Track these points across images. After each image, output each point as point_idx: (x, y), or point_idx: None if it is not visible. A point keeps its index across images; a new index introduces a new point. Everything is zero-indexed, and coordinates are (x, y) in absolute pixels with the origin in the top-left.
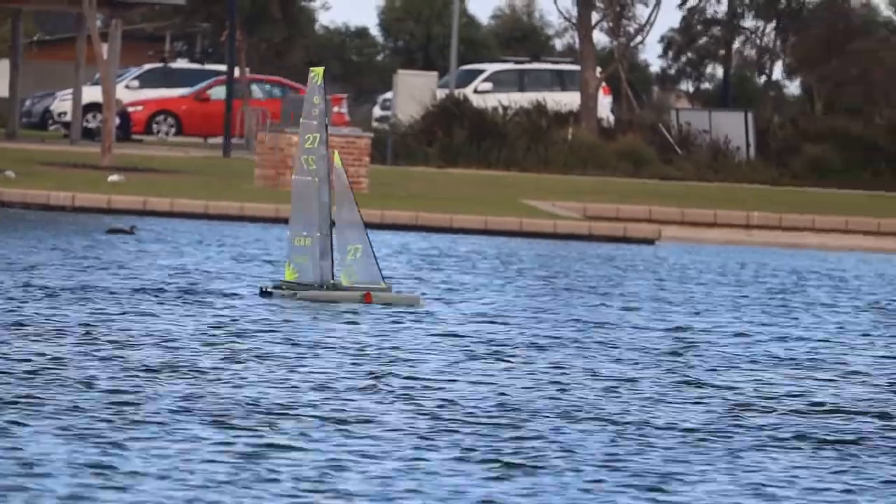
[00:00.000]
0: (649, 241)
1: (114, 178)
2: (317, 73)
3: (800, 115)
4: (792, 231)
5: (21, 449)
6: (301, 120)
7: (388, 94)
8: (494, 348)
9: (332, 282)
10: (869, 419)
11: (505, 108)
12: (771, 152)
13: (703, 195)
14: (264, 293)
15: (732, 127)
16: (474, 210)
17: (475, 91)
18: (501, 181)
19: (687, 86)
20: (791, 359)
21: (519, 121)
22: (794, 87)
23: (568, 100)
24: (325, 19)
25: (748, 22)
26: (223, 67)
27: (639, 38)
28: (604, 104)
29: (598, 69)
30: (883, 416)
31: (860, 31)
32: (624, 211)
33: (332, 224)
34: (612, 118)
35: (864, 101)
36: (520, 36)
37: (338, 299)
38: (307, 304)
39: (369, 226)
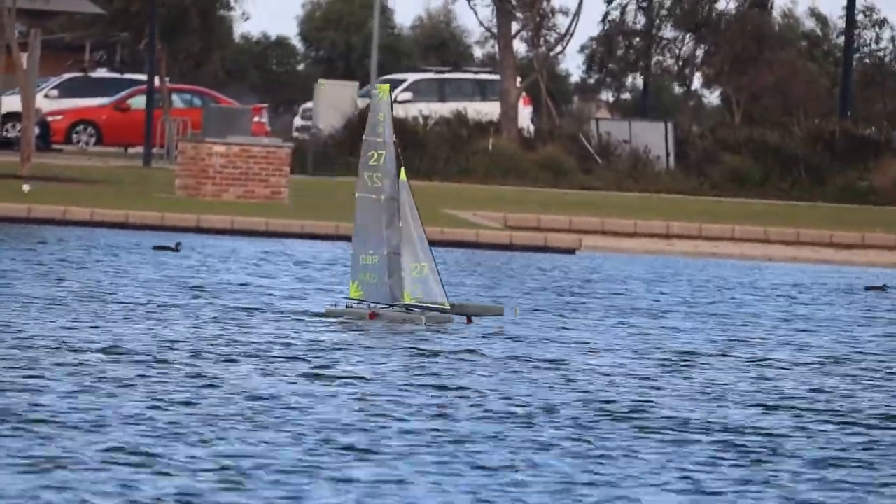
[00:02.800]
0: (570, 251)
1: (26, 187)
2: (382, 90)
3: (719, 125)
4: (712, 240)
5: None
6: (364, 137)
7: (309, 104)
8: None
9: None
10: None
11: (426, 118)
12: (690, 162)
13: (624, 205)
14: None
15: (652, 137)
16: None
17: (396, 100)
18: (422, 191)
19: (607, 96)
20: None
21: (440, 130)
22: (713, 98)
23: (488, 109)
24: (244, 29)
25: (667, 32)
26: (143, 77)
27: (559, 49)
28: (524, 114)
29: (519, 79)
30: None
31: (778, 42)
32: (545, 221)
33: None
34: (532, 128)
35: (782, 111)
36: (438, 44)
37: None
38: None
39: (289, 237)
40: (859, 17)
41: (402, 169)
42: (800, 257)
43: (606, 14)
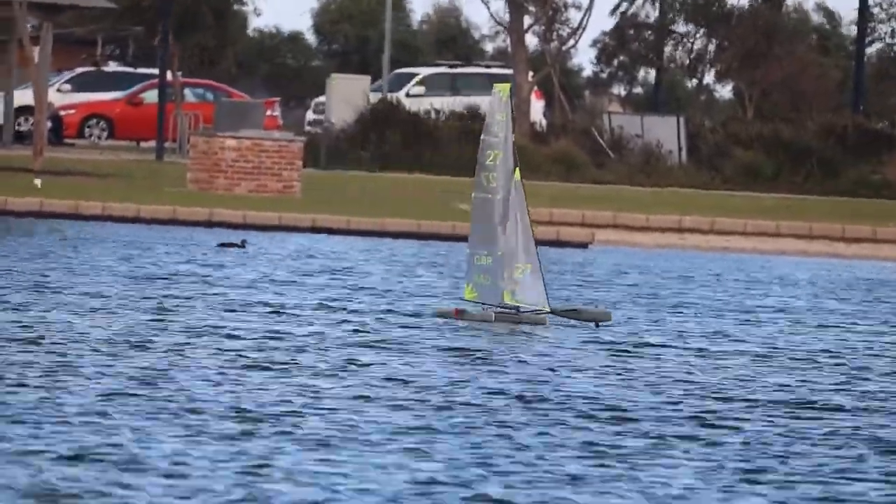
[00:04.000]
0: (583, 245)
1: (38, 181)
2: (502, 89)
3: (730, 119)
4: (724, 235)
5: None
6: (482, 137)
7: (321, 98)
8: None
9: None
10: None
11: (437, 112)
12: (702, 156)
13: (636, 199)
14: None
15: (664, 131)
16: (406, 214)
17: (408, 95)
18: (434, 185)
19: (619, 90)
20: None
21: (452, 124)
22: (725, 92)
23: None
24: (257, 23)
25: (679, 27)
26: (155, 71)
27: (571, 43)
28: (536, 108)
29: (531, 73)
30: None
31: (789, 36)
32: (557, 215)
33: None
34: (544, 122)
35: (793, 106)
36: (447, 39)
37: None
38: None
39: (300, 230)
40: (875, 9)
41: (517, 168)
42: (810, 251)
43: (618, 6)
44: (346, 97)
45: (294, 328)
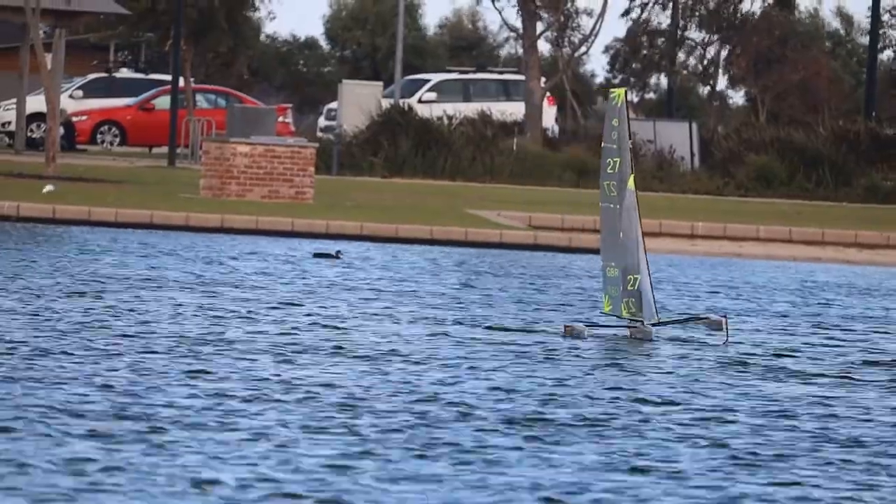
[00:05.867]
0: (594, 251)
1: (49, 188)
2: (618, 94)
3: (743, 124)
4: (736, 241)
5: None
6: (602, 145)
7: (333, 104)
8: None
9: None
10: None
11: (450, 118)
12: (716, 162)
13: (648, 205)
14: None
15: (677, 137)
16: (419, 220)
17: (420, 101)
18: (447, 191)
19: (631, 96)
20: None
21: (464, 130)
22: (738, 97)
23: (513, 109)
24: (270, 29)
25: (692, 33)
26: (167, 77)
27: (583, 49)
28: (548, 114)
29: (543, 79)
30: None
31: (802, 41)
32: (569, 221)
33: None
34: (556, 128)
35: (807, 110)
36: (466, 45)
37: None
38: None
39: (314, 236)
40: (885, 16)
41: (633, 176)
42: (824, 257)
43: (628, 10)
44: (357, 103)
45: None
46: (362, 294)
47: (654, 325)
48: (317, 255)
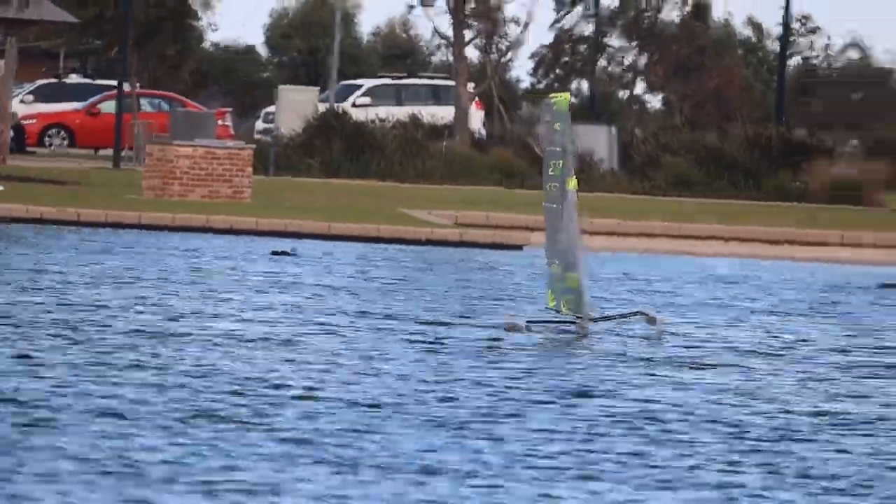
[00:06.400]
0: (518, 247)
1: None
2: (562, 99)
3: (661, 129)
4: (653, 237)
5: None
6: (546, 148)
7: (271, 108)
8: None
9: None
10: None
11: (382, 122)
12: (634, 165)
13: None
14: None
15: (597, 140)
16: (352, 219)
17: (354, 105)
18: (379, 191)
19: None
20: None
21: (396, 133)
22: (656, 102)
23: (443, 113)
24: (213, 37)
25: (613, 41)
26: (114, 83)
27: (509, 56)
28: (476, 118)
29: (472, 84)
30: None
31: (716, 50)
32: (493, 218)
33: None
34: (484, 131)
35: (721, 116)
36: (399, 54)
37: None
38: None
39: (246, 233)
40: (795, 25)
41: (573, 178)
42: (740, 253)
43: (556, 21)
44: (294, 107)
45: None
46: (291, 289)
47: (592, 320)
48: (274, 253)
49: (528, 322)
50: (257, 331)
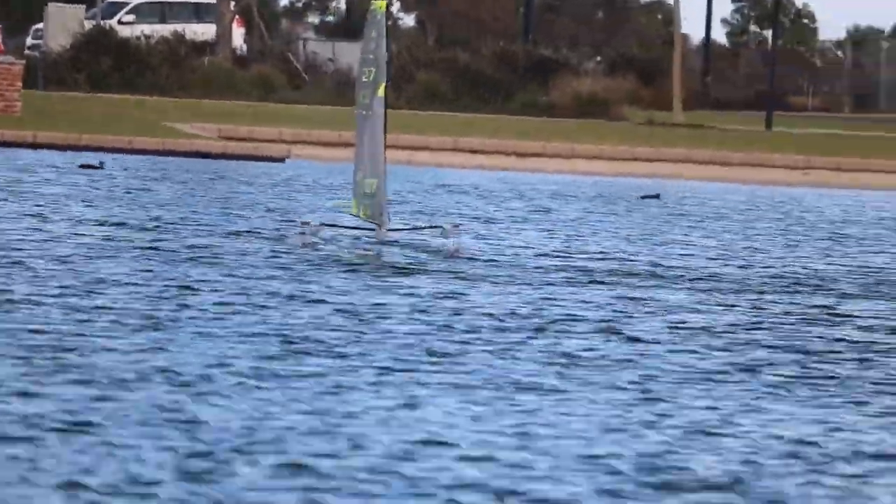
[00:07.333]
0: (280, 160)
1: None
2: (379, 6)
3: (413, 44)
4: (411, 150)
5: None
6: (360, 55)
7: (40, 25)
8: None
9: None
10: None
11: (147, 38)
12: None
13: (330, 119)
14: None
15: (354, 56)
16: (121, 132)
17: (120, 22)
18: (145, 105)
19: (314, 18)
20: None
21: (161, 49)
22: (409, 20)
23: (205, 30)
24: None
25: None
26: None
27: None
28: (238, 35)
29: (233, 3)
30: None
31: None
32: (256, 132)
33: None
34: (245, 48)
35: (472, 34)
36: None
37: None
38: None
39: (20, 146)
40: None
41: (383, 85)
42: (487, 165)
43: None
44: (62, 24)
45: None
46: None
47: (390, 230)
48: (81, 167)
49: (321, 223)
50: None
